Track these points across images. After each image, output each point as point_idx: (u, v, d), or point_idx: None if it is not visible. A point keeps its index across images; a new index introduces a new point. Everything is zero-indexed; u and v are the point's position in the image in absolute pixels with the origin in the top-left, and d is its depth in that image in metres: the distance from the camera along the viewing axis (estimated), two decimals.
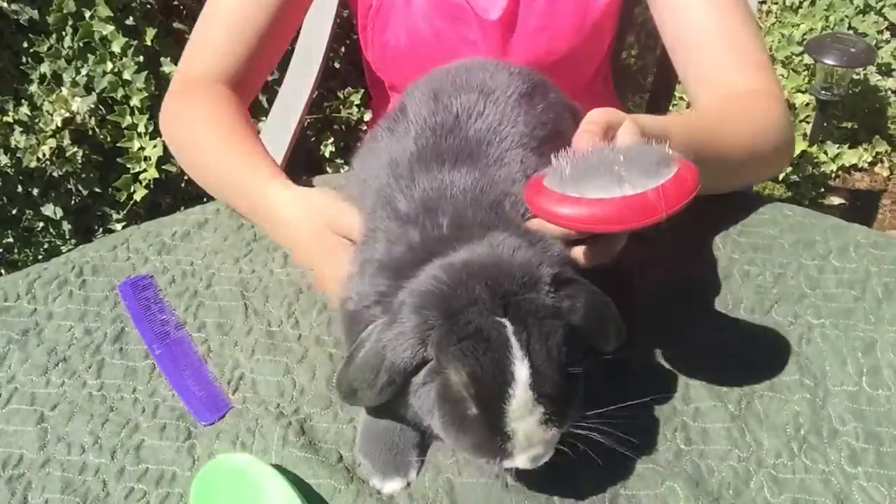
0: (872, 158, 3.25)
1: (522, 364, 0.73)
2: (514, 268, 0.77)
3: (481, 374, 0.73)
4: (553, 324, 0.76)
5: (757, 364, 0.99)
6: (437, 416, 0.78)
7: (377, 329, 0.79)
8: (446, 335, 0.74)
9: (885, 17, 3.45)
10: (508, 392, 0.73)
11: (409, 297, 0.77)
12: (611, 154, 0.78)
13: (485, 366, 0.73)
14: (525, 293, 0.75)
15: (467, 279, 0.75)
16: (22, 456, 0.90)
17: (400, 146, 0.94)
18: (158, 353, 1.01)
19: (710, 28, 1.25)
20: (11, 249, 2.54)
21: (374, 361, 0.78)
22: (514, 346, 0.73)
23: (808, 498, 0.86)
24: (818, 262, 1.12)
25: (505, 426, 0.74)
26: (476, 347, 0.73)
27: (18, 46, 2.28)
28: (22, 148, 2.26)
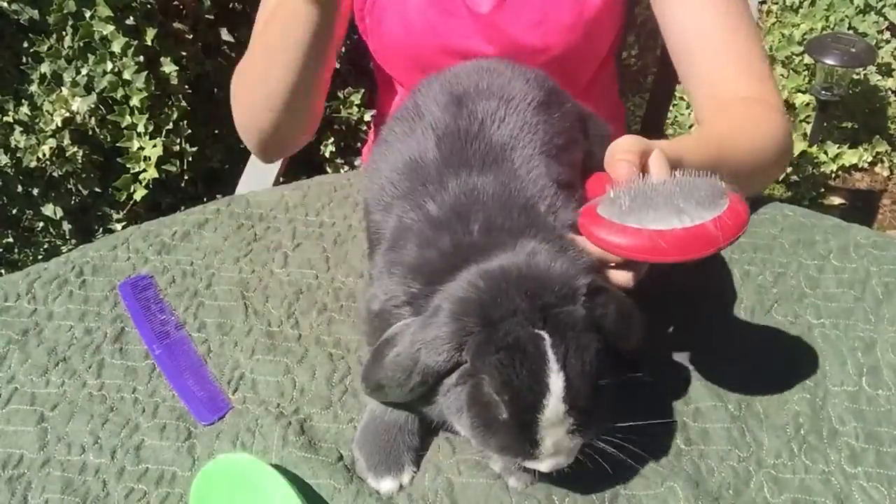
0: (872, 158, 3.25)
1: (558, 377, 0.74)
2: (552, 279, 0.78)
3: (517, 385, 0.75)
4: (589, 337, 0.77)
5: (757, 364, 0.99)
6: (465, 416, 0.80)
7: (410, 330, 0.80)
8: (485, 344, 0.76)
9: (885, 16, 3.45)
10: (543, 403, 0.74)
11: (446, 301, 0.78)
12: (666, 186, 0.80)
13: (521, 377, 0.74)
14: (563, 305, 0.77)
15: (506, 288, 0.76)
16: (22, 456, 0.90)
17: (420, 148, 0.94)
18: (158, 353, 1.01)
19: (712, 36, 1.25)
20: (11, 249, 2.54)
21: (407, 362, 0.79)
22: (550, 359, 0.74)
23: (808, 498, 0.86)
24: (818, 262, 1.12)
25: (534, 434, 0.76)
26: (514, 358, 0.74)
27: (18, 46, 2.28)
28: (22, 148, 2.26)
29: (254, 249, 1.16)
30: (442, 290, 0.80)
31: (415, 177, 0.91)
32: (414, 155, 0.93)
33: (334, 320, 1.05)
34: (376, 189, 0.97)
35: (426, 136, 0.94)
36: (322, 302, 1.08)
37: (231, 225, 1.20)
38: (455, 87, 0.99)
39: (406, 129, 0.98)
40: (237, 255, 1.15)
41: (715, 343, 1.02)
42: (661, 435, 0.92)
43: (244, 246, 1.17)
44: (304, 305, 1.08)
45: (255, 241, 1.18)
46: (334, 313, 1.06)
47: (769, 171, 1.25)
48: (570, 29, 1.34)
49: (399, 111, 1.03)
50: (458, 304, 0.77)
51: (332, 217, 1.22)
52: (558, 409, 0.74)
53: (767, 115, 1.21)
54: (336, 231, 1.19)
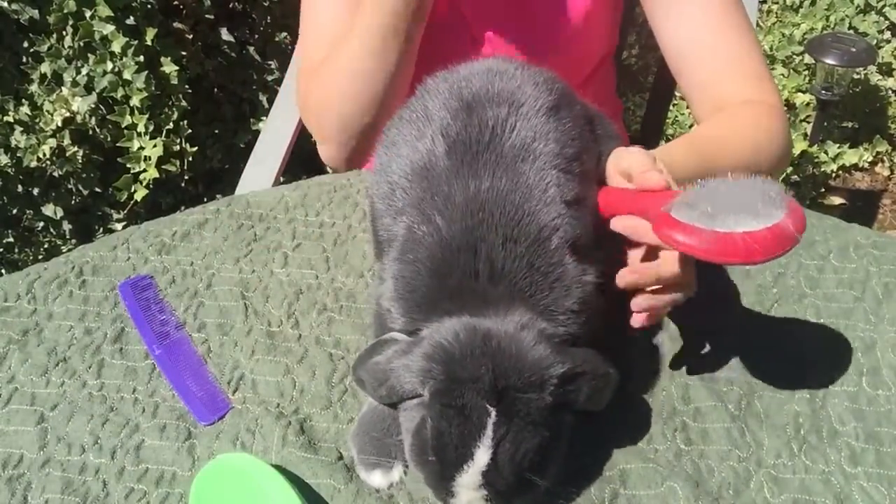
0: (873, 158, 3.25)
1: (486, 453, 0.76)
2: (525, 363, 0.78)
3: (447, 441, 0.77)
4: (536, 431, 0.78)
5: (757, 364, 0.99)
6: (408, 440, 0.82)
7: (393, 348, 0.83)
8: (439, 393, 0.78)
9: (885, 16, 3.44)
10: (462, 468, 0.76)
11: (427, 341, 0.80)
12: (726, 188, 0.81)
13: (453, 437, 0.77)
14: (528, 391, 0.77)
15: (480, 355, 0.77)
16: (22, 456, 0.90)
17: (431, 155, 0.92)
18: (158, 354, 1.01)
19: (707, 39, 1.24)
20: (12, 249, 2.53)
21: (379, 376, 0.83)
22: (486, 435, 0.76)
23: (808, 498, 0.86)
24: (818, 262, 1.12)
25: (451, 487, 0.78)
26: (454, 418, 0.77)
27: (19, 46, 2.28)
28: (22, 148, 2.26)
29: (254, 249, 1.16)
30: (433, 325, 0.82)
31: (426, 185, 0.90)
32: (425, 161, 0.92)
33: (334, 320, 1.05)
34: (386, 191, 0.96)
35: (436, 142, 0.92)
36: (322, 302, 1.08)
37: (231, 225, 1.20)
38: (465, 92, 0.96)
39: (415, 133, 0.96)
40: (237, 255, 1.15)
41: (715, 343, 1.02)
42: (661, 435, 0.92)
43: (244, 246, 1.17)
44: (304, 305, 1.08)
45: (255, 241, 1.18)
46: (334, 313, 1.06)
47: (768, 173, 1.23)
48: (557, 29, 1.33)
49: (406, 111, 1.01)
50: (433, 348, 0.79)
51: (332, 217, 1.22)
52: (475, 480, 0.76)
53: (766, 116, 1.21)
54: (336, 231, 1.19)
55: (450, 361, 0.78)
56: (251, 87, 2.67)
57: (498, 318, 0.81)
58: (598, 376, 0.83)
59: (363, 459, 0.89)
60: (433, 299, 0.85)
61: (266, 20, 2.64)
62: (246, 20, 2.67)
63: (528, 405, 0.77)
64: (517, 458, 0.77)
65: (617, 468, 0.88)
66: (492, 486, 0.77)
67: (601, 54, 1.47)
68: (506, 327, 0.80)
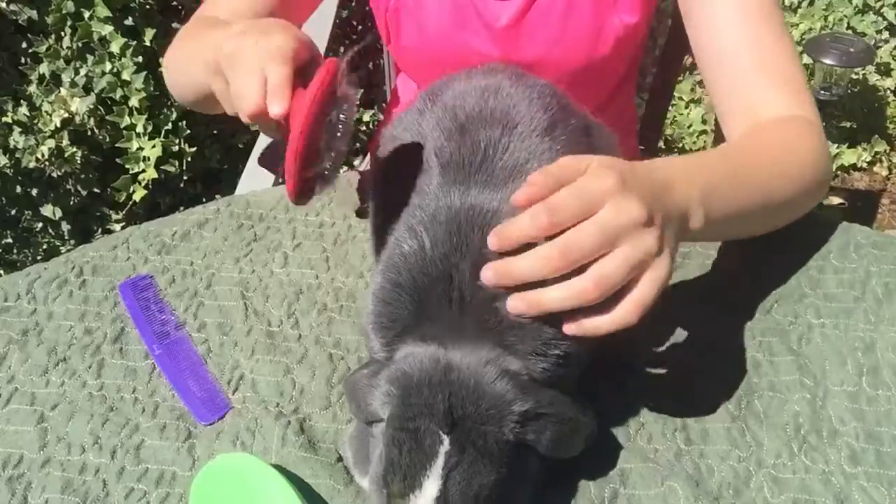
0: (871, 158, 3.25)
1: (435, 482, 0.74)
2: (485, 398, 0.76)
3: (397, 468, 0.75)
4: (491, 465, 0.75)
5: (757, 364, 0.99)
6: (371, 469, 0.82)
7: (368, 369, 0.84)
8: (393, 418, 0.77)
9: (883, 16, 3.45)
10: (410, 497, 0.74)
11: (394, 365, 0.80)
12: None
13: (403, 464, 0.75)
14: (484, 423, 0.75)
15: (439, 384, 0.76)
16: (22, 456, 0.90)
17: (421, 173, 0.92)
18: (158, 353, 1.01)
19: (743, 48, 1.17)
20: (10, 250, 2.54)
21: (350, 392, 0.85)
22: (438, 464, 0.74)
23: (808, 498, 0.86)
24: (818, 262, 1.12)
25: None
26: (405, 443, 0.75)
27: (17, 47, 2.29)
28: (21, 148, 2.26)
29: (254, 249, 1.16)
30: (404, 350, 0.82)
31: (417, 202, 0.90)
32: (417, 180, 0.92)
33: (334, 320, 1.05)
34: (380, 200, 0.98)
35: (430, 162, 0.92)
36: (322, 302, 1.08)
37: (231, 225, 1.20)
38: (459, 112, 0.95)
39: (410, 152, 0.96)
40: (237, 255, 1.15)
41: (715, 343, 1.02)
42: (661, 436, 0.92)
43: (244, 246, 1.17)
44: (304, 305, 1.08)
45: (255, 241, 1.18)
46: (334, 313, 1.06)
47: (808, 195, 1.13)
48: (589, 46, 1.33)
49: (401, 126, 1.01)
50: (395, 372, 0.79)
51: (332, 217, 1.22)
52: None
53: (807, 135, 1.12)
54: (336, 231, 1.19)
55: (408, 387, 0.77)
56: None
57: (465, 350, 0.79)
58: (565, 420, 0.80)
59: (358, 463, 0.88)
60: (408, 325, 0.84)
61: None
62: None
63: (484, 437, 0.75)
64: (469, 492, 0.74)
65: (617, 468, 0.88)
66: None
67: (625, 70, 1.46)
68: (469, 360, 0.78)
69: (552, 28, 1.30)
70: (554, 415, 0.79)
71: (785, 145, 1.10)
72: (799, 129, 1.12)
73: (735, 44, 1.17)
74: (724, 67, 1.18)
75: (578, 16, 1.30)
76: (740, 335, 1.03)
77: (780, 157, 1.08)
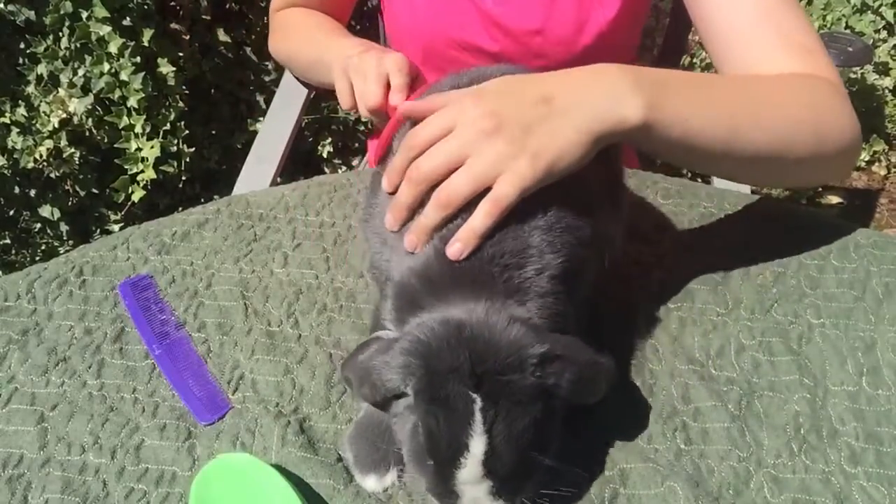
0: (870, 157, 3.26)
1: (481, 440, 0.74)
2: (502, 346, 0.77)
3: (439, 439, 0.76)
4: (527, 408, 0.77)
5: (757, 364, 0.99)
6: (405, 447, 0.81)
7: (376, 345, 0.83)
8: (422, 390, 0.77)
9: (882, 16, 3.45)
10: (460, 461, 0.75)
11: (406, 337, 0.80)
12: None
13: (443, 432, 0.75)
14: (507, 373, 0.76)
15: (456, 344, 0.77)
16: (22, 456, 0.90)
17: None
18: (158, 353, 1.01)
19: (747, 13, 1.12)
20: (9, 251, 2.53)
21: (361, 374, 0.82)
22: (477, 422, 0.75)
23: (808, 498, 0.86)
24: (818, 262, 1.12)
25: (453, 486, 0.77)
26: (441, 413, 0.76)
27: (15, 47, 2.28)
28: (19, 149, 2.26)
29: (254, 249, 1.16)
30: (414, 321, 0.83)
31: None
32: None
33: (334, 320, 1.05)
34: None
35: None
36: (322, 302, 1.08)
37: (231, 225, 1.20)
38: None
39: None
40: (237, 255, 1.15)
41: (715, 342, 1.02)
42: (661, 436, 0.92)
43: (244, 246, 1.17)
44: (304, 305, 1.08)
45: (255, 241, 1.18)
46: (334, 313, 1.06)
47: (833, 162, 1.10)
48: (568, 43, 1.33)
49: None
50: (410, 342, 0.79)
51: (332, 217, 1.22)
52: (476, 471, 0.75)
53: (825, 91, 1.07)
54: (336, 231, 1.19)
55: (427, 355, 0.77)
56: (248, 87, 2.67)
57: (469, 307, 0.81)
58: (583, 363, 0.81)
59: (359, 463, 0.88)
60: (413, 296, 0.85)
61: (263, 20, 2.63)
62: (243, 21, 2.67)
63: (510, 386, 0.76)
64: (513, 438, 0.76)
65: (617, 468, 0.88)
66: (495, 473, 0.75)
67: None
68: (477, 315, 0.79)
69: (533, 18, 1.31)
70: (571, 357, 0.80)
71: (775, 91, 1.05)
72: (816, 87, 1.07)
73: (747, 19, 1.12)
74: (728, 40, 1.14)
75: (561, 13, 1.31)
76: (740, 335, 1.03)
77: (764, 97, 1.04)
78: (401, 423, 0.81)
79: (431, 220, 0.87)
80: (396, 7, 1.42)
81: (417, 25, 1.39)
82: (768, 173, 1.09)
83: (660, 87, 0.92)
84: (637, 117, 0.89)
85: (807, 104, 1.05)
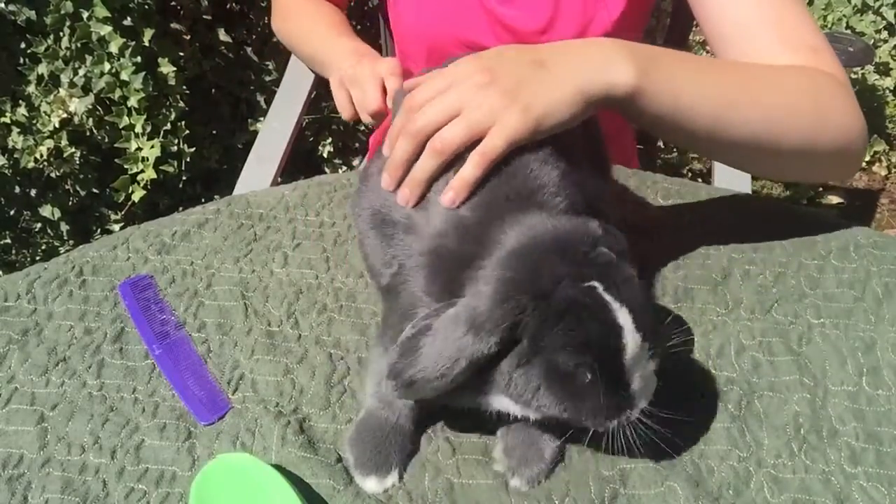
0: (870, 158, 3.26)
1: (623, 313, 0.75)
2: (573, 236, 0.79)
3: (595, 341, 0.75)
4: (624, 268, 0.79)
5: (757, 364, 0.99)
6: (545, 395, 0.78)
7: (449, 317, 0.78)
8: (544, 319, 0.75)
9: (882, 16, 3.45)
10: (623, 343, 0.75)
11: (489, 285, 0.77)
12: None
13: (594, 331, 0.75)
14: (592, 253, 0.78)
15: (544, 258, 0.77)
16: (22, 456, 0.90)
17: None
18: (158, 353, 1.01)
19: (749, 10, 1.11)
20: (9, 250, 2.54)
21: (451, 351, 0.76)
22: (611, 302, 0.75)
23: (808, 498, 0.86)
24: (818, 262, 1.12)
25: (624, 377, 0.77)
26: (580, 319, 0.75)
27: (16, 47, 2.28)
28: (19, 149, 2.26)
29: (254, 249, 1.16)
30: (473, 277, 0.80)
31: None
32: None
33: (334, 320, 1.05)
34: None
35: None
36: (322, 302, 1.08)
37: (231, 225, 1.20)
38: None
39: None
40: (237, 255, 1.15)
41: (715, 342, 1.02)
42: (661, 435, 0.92)
43: (244, 246, 1.17)
44: (304, 305, 1.08)
45: (255, 241, 1.18)
46: (334, 313, 1.06)
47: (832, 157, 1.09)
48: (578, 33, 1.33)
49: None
50: (503, 284, 0.76)
51: (332, 217, 1.22)
52: (636, 340, 0.76)
53: (828, 85, 1.06)
54: (336, 231, 1.19)
55: (530, 284, 0.76)
56: (249, 87, 2.67)
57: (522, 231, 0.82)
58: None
59: (360, 464, 0.88)
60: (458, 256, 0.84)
61: (264, 20, 2.64)
62: (243, 20, 2.67)
63: (603, 257, 0.78)
64: (637, 295, 0.78)
65: (617, 468, 0.88)
66: (644, 332, 0.76)
67: None
68: (538, 229, 0.81)
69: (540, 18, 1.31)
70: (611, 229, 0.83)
71: (773, 76, 1.05)
72: (817, 75, 1.07)
73: (751, 17, 1.12)
74: (731, 40, 1.14)
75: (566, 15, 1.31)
76: (740, 335, 1.03)
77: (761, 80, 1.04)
78: (521, 380, 0.78)
79: (425, 168, 0.89)
80: (402, 7, 1.42)
81: (424, 25, 1.39)
82: (762, 159, 1.08)
83: (653, 58, 0.95)
84: (627, 83, 0.91)
85: (806, 93, 1.05)
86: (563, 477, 0.87)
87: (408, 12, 1.41)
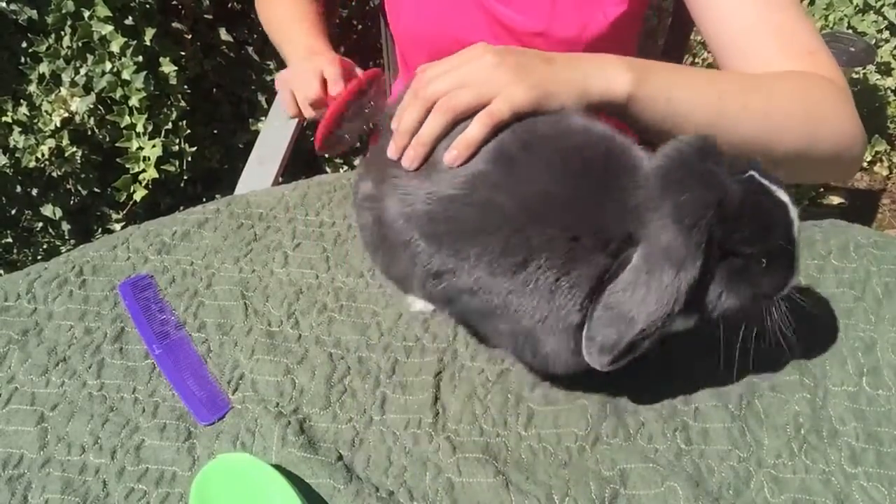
0: (872, 158, 3.25)
1: (781, 192, 0.83)
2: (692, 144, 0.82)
3: (775, 222, 0.82)
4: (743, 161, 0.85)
5: (757, 364, 0.99)
6: (729, 295, 0.84)
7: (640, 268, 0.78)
8: (727, 218, 0.79)
9: (884, 16, 3.44)
10: (791, 219, 0.83)
11: (664, 218, 0.78)
12: None
13: (775, 216, 0.82)
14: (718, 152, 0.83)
15: (694, 171, 0.80)
16: (22, 456, 0.90)
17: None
18: (158, 353, 1.01)
19: (749, 17, 1.12)
20: (10, 250, 2.54)
21: (667, 297, 0.77)
22: (768, 185, 0.82)
23: (808, 498, 0.86)
24: (818, 262, 1.12)
25: (793, 246, 0.84)
26: (756, 211, 0.81)
27: (17, 46, 2.28)
28: (21, 148, 2.26)
29: (254, 249, 1.16)
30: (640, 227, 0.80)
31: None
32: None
33: (334, 320, 1.05)
34: None
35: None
36: (322, 302, 1.08)
37: (231, 225, 1.20)
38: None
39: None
40: (237, 255, 1.15)
41: (715, 342, 1.02)
42: (661, 435, 0.92)
43: (244, 246, 1.17)
44: (304, 305, 1.08)
45: (255, 241, 1.18)
46: (334, 313, 1.06)
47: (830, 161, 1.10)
48: (570, 45, 1.33)
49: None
50: (680, 209, 0.77)
51: (332, 217, 1.22)
52: (796, 212, 0.83)
53: (824, 87, 1.07)
54: (336, 231, 1.19)
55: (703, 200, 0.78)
56: (250, 87, 2.67)
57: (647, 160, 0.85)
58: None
59: None
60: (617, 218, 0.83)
61: None
62: (245, 20, 2.67)
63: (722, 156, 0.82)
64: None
65: (617, 468, 0.88)
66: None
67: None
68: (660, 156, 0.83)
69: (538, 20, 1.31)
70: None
71: (768, 82, 1.06)
72: (813, 79, 1.07)
73: (750, 23, 1.12)
74: (731, 43, 1.14)
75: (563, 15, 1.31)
76: (740, 335, 1.03)
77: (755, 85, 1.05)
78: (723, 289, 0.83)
79: (431, 127, 0.92)
80: (402, 9, 1.42)
81: (424, 27, 1.39)
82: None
83: (648, 68, 0.99)
84: (624, 88, 0.96)
85: (801, 97, 1.05)
86: (564, 476, 0.87)
87: (408, 14, 1.41)
